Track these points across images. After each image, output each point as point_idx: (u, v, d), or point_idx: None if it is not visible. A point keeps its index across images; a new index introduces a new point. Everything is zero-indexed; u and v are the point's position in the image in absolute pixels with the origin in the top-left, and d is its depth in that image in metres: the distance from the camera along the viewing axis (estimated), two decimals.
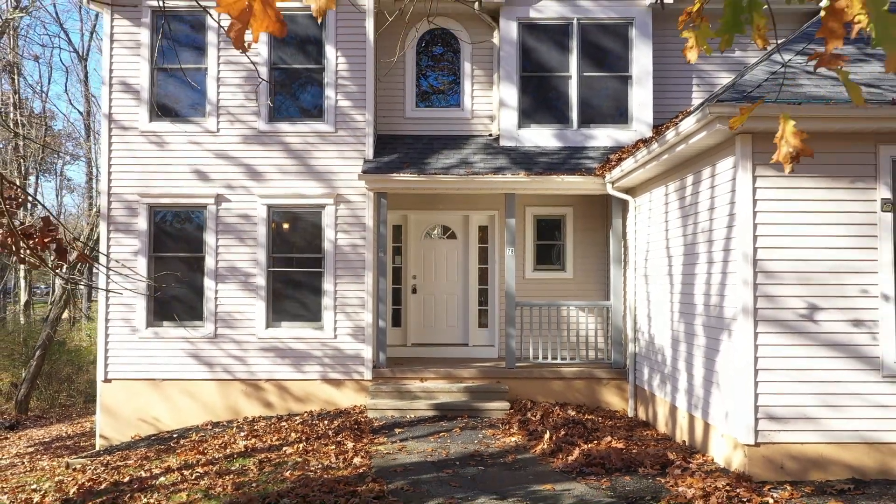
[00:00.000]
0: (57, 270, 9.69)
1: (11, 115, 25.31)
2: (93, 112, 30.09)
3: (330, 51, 10.14)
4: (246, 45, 1.61)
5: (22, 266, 29.71)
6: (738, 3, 1.95)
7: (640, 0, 10.34)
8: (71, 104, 31.53)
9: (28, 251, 3.41)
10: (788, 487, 5.95)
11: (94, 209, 15.50)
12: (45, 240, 3.80)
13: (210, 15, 7.57)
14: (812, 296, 6.22)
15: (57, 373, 23.31)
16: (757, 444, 6.19)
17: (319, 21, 8.14)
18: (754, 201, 6.24)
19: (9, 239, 3.16)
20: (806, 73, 6.51)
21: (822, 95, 6.06)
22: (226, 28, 1.59)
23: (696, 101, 10.64)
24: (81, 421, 17.95)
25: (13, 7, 20.17)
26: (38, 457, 12.39)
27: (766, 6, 2.04)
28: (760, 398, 6.20)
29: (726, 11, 1.97)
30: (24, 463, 11.73)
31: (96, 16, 31.25)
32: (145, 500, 6.64)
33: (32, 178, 29.73)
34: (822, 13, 1.78)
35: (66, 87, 37.25)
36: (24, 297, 28.29)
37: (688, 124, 6.50)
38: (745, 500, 5.67)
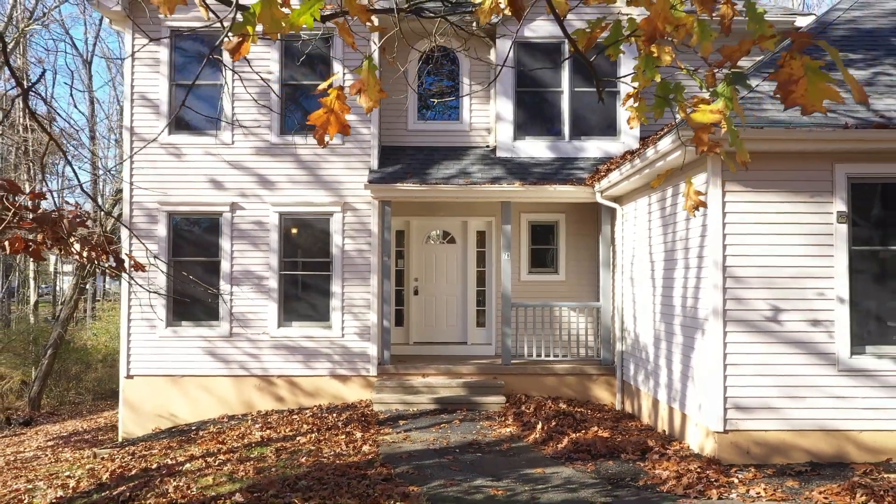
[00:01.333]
0: (122, 274, 10.34)
1: (20, 119, 26.00)
2: (96, 113, 30.69)
3: (337, 67, 10.84)
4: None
5: (31, 267, 30.37)
6: (667, 86, 2.64)
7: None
8: (75, 107, 32.09)
9: (98, 262, 4.12)
10: (753, 469, 6.67)
11: (103, 209, 16.19)
12: (106, 253, 4.50)
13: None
14: (775, 298, 6.93)
15: (66, 371, 23.94)
16: (726, 432, 6.91)
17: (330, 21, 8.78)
18: (724, 213, 6.95)
19: (92, 252, 3.86)
20: (771, 97, 7.21)
21: (782, 120, 6.77)
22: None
23: (679, 115, 11.31)
24: (94, 417, 18.60)
25: (28, 17, 20.83)
26: (60, 450, 13.06)
27: (685, 90, 2.72)
28: (729, 390, 6.91)
29: (658, 92, 2.66)
30: (47, 455, 12.40)
31: (100, 21, 31.91)
32: (174, 483, 7.34)
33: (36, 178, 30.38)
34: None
35: (70, 90, 37.80)
36: (33, 298, 28.97)
37: (664, 144, 7.21)
38: (713, 480, 6.38)
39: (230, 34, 2.04)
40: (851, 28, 8.86)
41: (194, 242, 10.93)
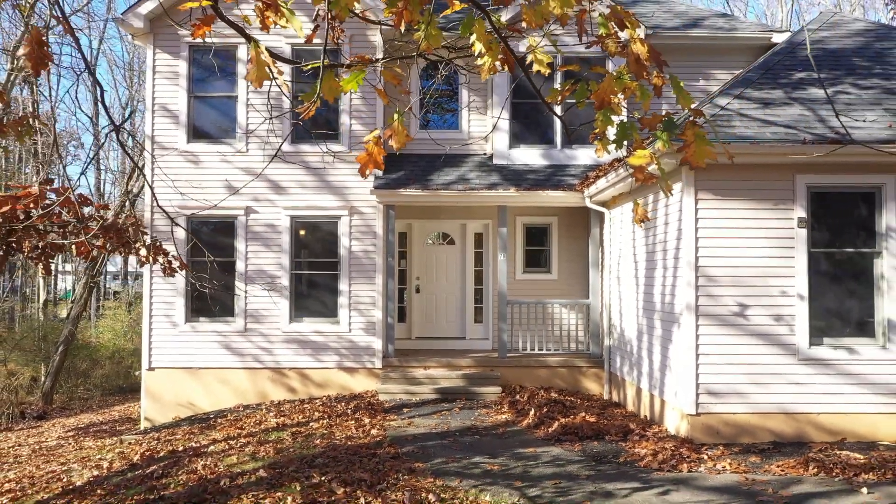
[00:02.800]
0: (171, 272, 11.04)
1: (30, 122, 26.71)
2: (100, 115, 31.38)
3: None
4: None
5: (41, 267, 31.08)
6: (623, 129, 3.42)
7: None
8: (80, 109, 32.80)
9: (155, 261, 4.90)
10: (721, 448, 7.48)
11: (113, 210, 16.92)
12: (165, 254, 5.29)
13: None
14: (743, 295, 7.74)
15: (75, 368, 24.64)
16: (698, 415, 7.72)
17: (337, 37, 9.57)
18: (696, 219, 7.75)
19: (151, 255, 4.64)
20: (740, 115, 8.02)
21: (748, 136, 7.58)
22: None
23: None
24: (106, 410, 19.33)
25: (44, 27, 21.54)
26: (80, 439, 13.81)
27: (642, 129, 3.51)
28: (701, 377, 7.71)
29: (618, 130, 3.44)
30: (69, 443, 13.15)
31: (104, 25, 32.58)
32: (202, 462, 8.12)
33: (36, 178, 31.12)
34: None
35: (75, 93, 38.62)
36: (42, 296, 29.70)
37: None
38: (685, 456, 7.19)
39: (302, 100, 2.80)
40: (818, 48, 9.67)
41: (211, 244, 11.69)
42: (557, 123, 11.93)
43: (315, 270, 11.73)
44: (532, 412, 9.32)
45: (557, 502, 5.92)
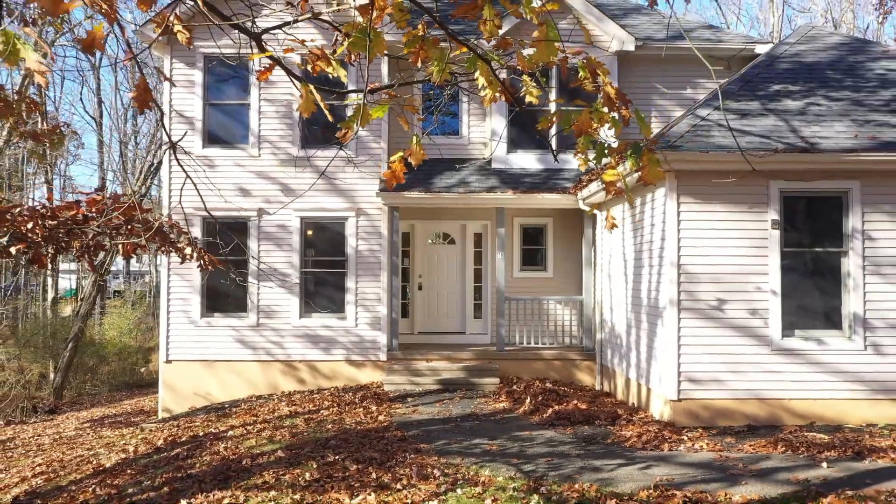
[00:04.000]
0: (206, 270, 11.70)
1: (39, 124, 27.39)
2: (103, 118, 31.98)
3: (352, 88, 12.28)
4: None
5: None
6: (602, 149, 4.10)
7: (607, 46, 12.53)
8: (85, 110, 33.50)
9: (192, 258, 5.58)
10: (700, 430, 8.18)
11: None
12: (206, 253, 5.97)
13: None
14: (721, 291, 8.44)
15: (83, 364, 25.28)
16: (680, 400, 8.41)
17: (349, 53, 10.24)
18: (678, 221, 8.44)
19: (195, 253, 5.31)
20: (718, 125, 8.71)
21: (725, 145, 8.27)
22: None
23: (655, 130, 12.82)
24: (116, 404, 19.95)
25: (55, 33, 22.14)
26: (98, 430, 14.48)
27: (620, 150, 4.19)
28: (682, 366, 8.41)
29: (596, 151, 4.11)
30: (88, 434, 13.81)
31: (108, 30, 33.13)
32: (223, 445, 8.80)
33: (41, 178, 31.75)
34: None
35: (80, 95, 39.33)
36: (50, 294, 30.34)
37: (630, 164, 8.69)
38: (667, 437, 7.89)
39: (340, 126, 3.48)
40: (795, 61, 10.37)
41: (226, 243, 12.35)
42: (553, 129, 12.62)
43: (323, 268, 12.41)
44: (528, 400, 10.01)
45: (550, 476, 6.61)
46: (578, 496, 5.99)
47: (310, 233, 12.46)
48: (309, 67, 3.36)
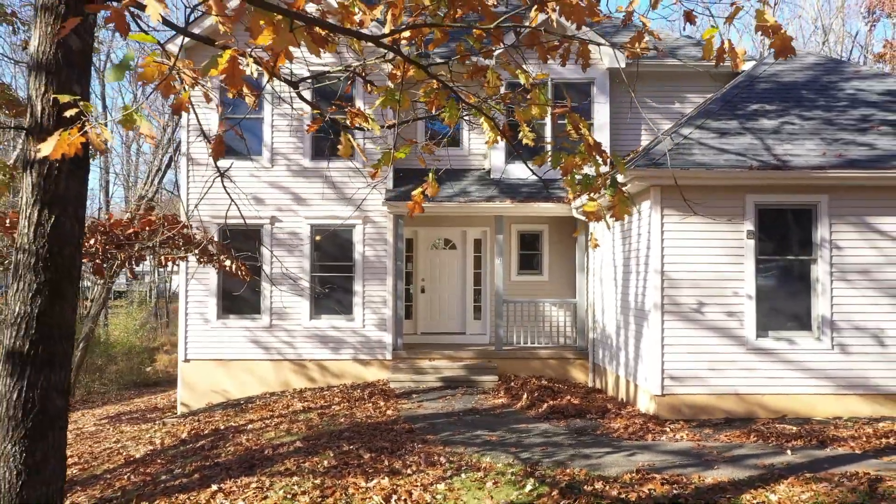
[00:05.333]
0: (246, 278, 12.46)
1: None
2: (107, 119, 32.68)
3: (359, 103, 13.05)
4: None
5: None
6: (587, 178, 4.87)
7: (599, 65, 13.32)
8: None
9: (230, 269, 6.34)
10: (682, 423, 8.97)
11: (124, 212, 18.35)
12: (244, 265, 6.73)
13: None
14: (701, 295, 9.22)
15: (92, 364, 25.97)
16: (663, 395, 9.20)
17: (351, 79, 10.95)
18: (662, 231, 9.23)
19: (234, 265, 6.07)
20: (699, 144, 9.50)
21: (705, 162, 9.06)
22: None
23: (644, 142, 13.63)
24: (128, 402, 20.62)
25: None
26: (116, 425, 15.21)
27: (599, 188, 4.95)
28: (666, 364, 9.20)
29: (582, 182, 4.87)
30: (107, 429, 14.55)
31: (112, 35, 33.84)
32: (244, 437, 9.57)
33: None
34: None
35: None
36: None
37: (620, 178, 9.48)
38: (651, 429, 8.68)
39: (371, 168, 4.24)
40: (773, 81, 11.16)
41: (240, 250, 13.11)
42: (548, 140, 13.40)
43: (332, 273, 13.19)
44: (525, 396, 10.79)
45: (544, 462, 7.39)
46: (569, 479, 6.76)
47: (319, 239, 13.23)
48: (348, 122, 4.12)
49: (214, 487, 7.48)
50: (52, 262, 3.95)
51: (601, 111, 13.33)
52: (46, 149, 2.94)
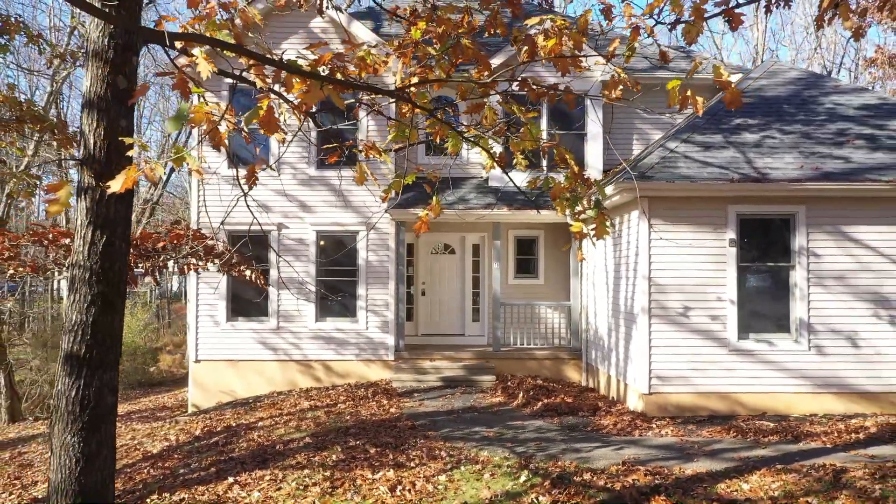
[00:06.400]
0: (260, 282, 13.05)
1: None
2: None
3: (362, 114, 13.62)
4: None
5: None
6: (576, 197, 5.45)
7: (593, 76, 13.90)
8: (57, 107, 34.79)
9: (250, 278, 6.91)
10: (667, 420, 9.55)
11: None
12: (263, 274, 7.30)
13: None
14: (686, 300, 9.81)
15: None
16: (650, 394, 9.79)
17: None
18: (650, 239, 9.81)
19: (253, 274, 6.64)
20: (685, 157, 10.08)
21: (689, 175, 9.64)
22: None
23: (636, 151, 14.21)
24: (136, 401, 21.14)
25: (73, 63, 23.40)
26: (128, 424, 15.76)
27: (583, 211, 5.53)
28: (653, 365, 9.78)
29: (570, 201, 5.45)
30: (120, 428, 15.10)
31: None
32: (256, 433, 10.14)
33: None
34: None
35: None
36: (65, 295, 31.53)
37: (610, 189, 10.08)
38: (638, 425, 9.27)
39: (382, 193, 4.81)
40: (757, 96, 11.75)
41: (249, 255, 13.68)
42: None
43: (337, 277, 13.76)
44: (521, 395, 11.38)
45: (538, 456, 7.98)
46: (560, 471, 7.35)
47: (325, 245, 13.80)
48: (363, 154, 4.71)
49: (231, 480, 8.05)
50: (104, 277, 4.52)
51: (594, 122, 13.91)
52: (115, 185, 3.51)
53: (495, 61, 13.20)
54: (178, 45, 4.02)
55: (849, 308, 9.77)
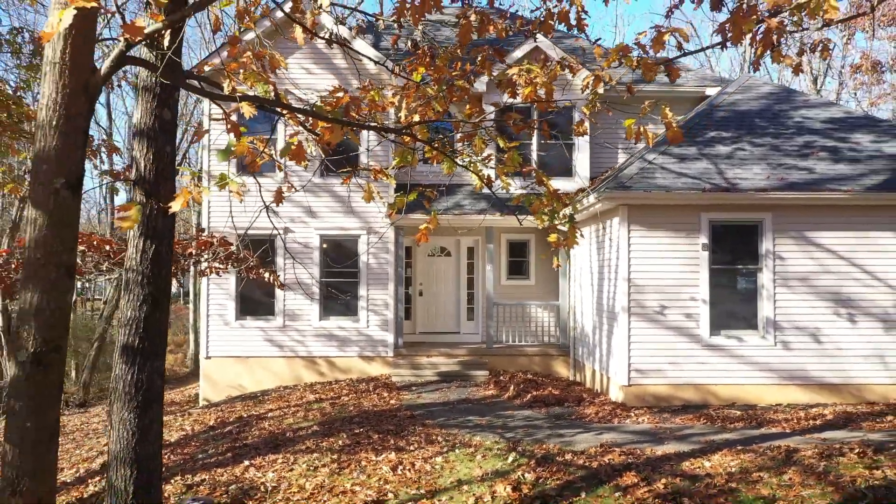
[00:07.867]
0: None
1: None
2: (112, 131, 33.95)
3: (373, 138, 14.46)
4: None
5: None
6: (553, 211, 6.30)
7: (580, 88, 14.75)
8: (97, 124, 35.56)
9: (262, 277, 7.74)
10: (645, 409, 10.43)
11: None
12: (277, 278, 8.14)
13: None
14: (663, 300, 10.68)
15: (105, 362, 27.22)
16: (630, 386, 10.66)
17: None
18: (629, 243, 10.68)
19: (271, 277, 7.47)
20: (662, 168, 10.96)
21: (665, 185, 10.52)
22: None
23: (621, 159, 15.09)
24: None
25: None
26: None
27: (558, 224, 6.38)
28: (632, 359, 10.65)
29: (548, 214, 6.30)
30: None
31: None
32: (266, 423, 10.98)
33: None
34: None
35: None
36: (73, 297, 32.30)
37: (592, 198, 10.95)
38: (618, 414, 10.14)
39: (388, 209, 5.64)
40: (731, 110, 12.63)
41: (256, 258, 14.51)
42: (534, 159, 14.87)
43: (340, 278, 14.61)
44: (512, 388, 12.24)
45: (525, 440, 8.84)
46: (545, 453, 8.21)
47: (328, 248, 14.64)
48: (372, 176, 5.56)
49: (247, 463, 8.89)
50: (153, 280, 5.36)
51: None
52: (176, 205, 4.35)
53: (485, 98, 14.05)
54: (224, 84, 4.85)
55: (812, 307, 10.65)
